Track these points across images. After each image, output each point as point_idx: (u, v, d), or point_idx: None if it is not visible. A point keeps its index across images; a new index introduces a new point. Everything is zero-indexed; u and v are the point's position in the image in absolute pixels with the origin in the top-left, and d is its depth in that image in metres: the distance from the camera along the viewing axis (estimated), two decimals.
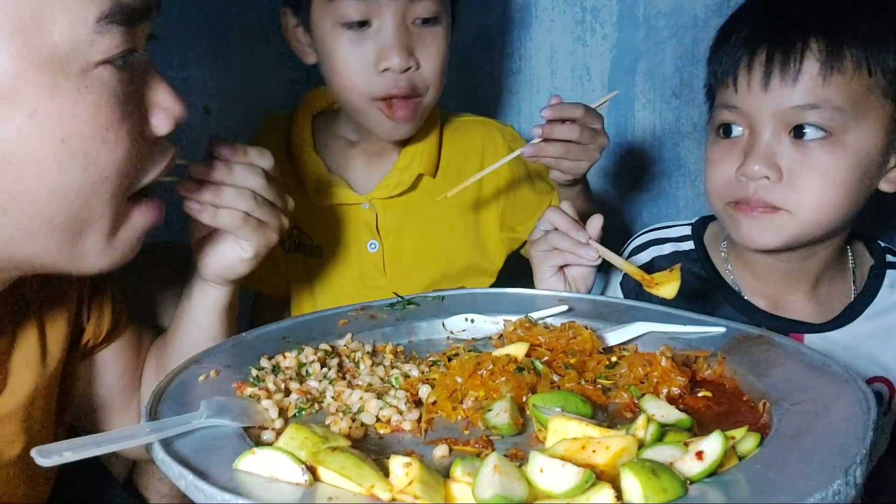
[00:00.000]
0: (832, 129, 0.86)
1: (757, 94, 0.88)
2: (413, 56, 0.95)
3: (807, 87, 0.85)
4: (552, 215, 0.91)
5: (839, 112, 0.85)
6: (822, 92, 0.85)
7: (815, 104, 0.85)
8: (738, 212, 0.91)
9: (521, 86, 1.50)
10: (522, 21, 1.47)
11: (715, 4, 1.45)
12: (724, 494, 0.47)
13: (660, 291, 0.83)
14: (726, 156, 0.92)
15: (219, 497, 0.49)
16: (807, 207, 0.88)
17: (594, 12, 1.47)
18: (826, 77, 0.85)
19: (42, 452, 0.52)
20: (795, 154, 0.87)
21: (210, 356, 0.74)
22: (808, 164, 0.86)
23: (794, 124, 0.87)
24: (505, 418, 0.61)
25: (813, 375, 0.65)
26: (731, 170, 0.91)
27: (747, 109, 0.89)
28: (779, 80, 0.86)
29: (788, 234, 0.90)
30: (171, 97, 0.67)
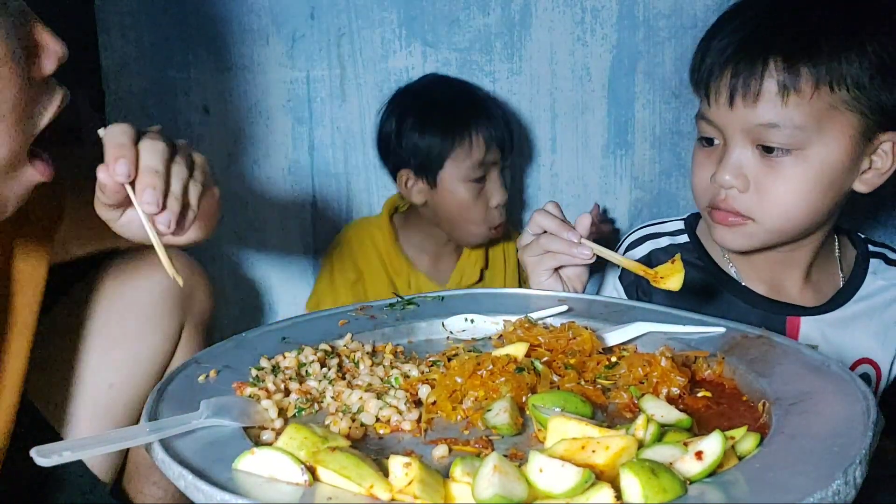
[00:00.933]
0: (795, 146, 0.90)
1: (725, 110, 0.92)
2: None
3: (767, 107, 0.89)
4: (541, 218, 0.92)
5: (800, 130, 0.88)
6: (783, 112, 0.88)
7: (775, 123, 0.89)
8: (712, 218, 0.98)
9: (521, 86, 1.50)
10: (522, 21, 1.47)
11: (715, 4, 1.45)
12: (724, 494, 0.47)
13: (666, 284, 0.84)
14: (705, 162, 0.98)
15: (218, 497, 0.49)
16: (771, 216, 0.93)
17: (594, 12, 1.47)
18: (784, 97, 0.88)
19: (41, 452, 0.52)
20: (762, 166, 0.92)
21: (210, 356, 0.74)
22: (774, 176, 0.91)
23: (760, 142, 0.91)
24: (505, 418, 0.61)
25: (812, 375, 0.65)
26: (707, 175, 0.96)
27: (719, 123, 0.95)
28: (741, 100, 0.90)
29: (758, 240, 0.96)
30: (52, 38, 0.68)
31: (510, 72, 1.49)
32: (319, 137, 1.51)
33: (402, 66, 1.49)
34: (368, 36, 1.48)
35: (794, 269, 1.03)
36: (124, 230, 0.79)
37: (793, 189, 0.91)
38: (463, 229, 1.36)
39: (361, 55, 1.48)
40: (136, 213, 0.74)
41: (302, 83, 1.48)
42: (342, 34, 1.48)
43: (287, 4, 1.45)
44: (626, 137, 1.52)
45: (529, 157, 1.53)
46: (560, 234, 0.90)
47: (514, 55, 1.49)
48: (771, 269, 1.03)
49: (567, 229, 0.90)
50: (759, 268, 1.03)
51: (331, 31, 1.47)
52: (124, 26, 1.44)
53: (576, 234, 0.90)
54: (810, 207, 0.93)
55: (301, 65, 1.48)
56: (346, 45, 1.48)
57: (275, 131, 1.50)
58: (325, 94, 1.49)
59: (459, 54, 1.48)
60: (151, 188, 0.71)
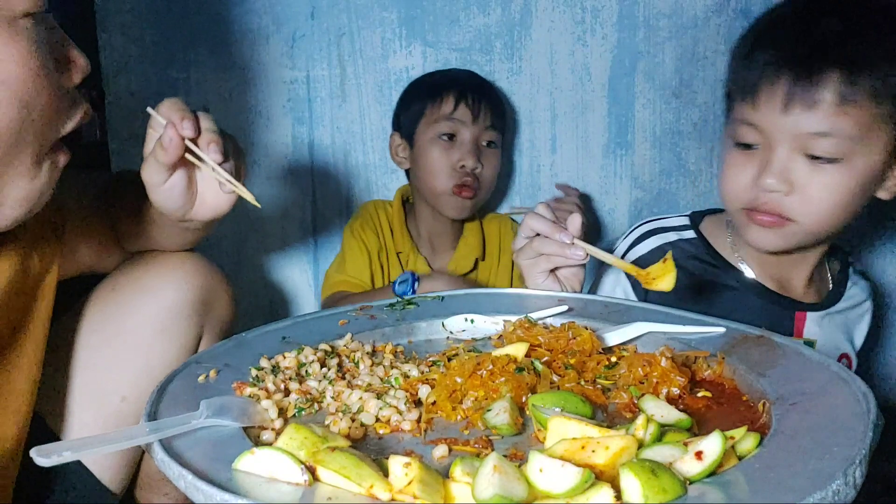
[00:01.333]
0: (842, 155, 0.92)
1: (777, 116, 0.93)
2: (480, 162, 1.39)
3: (823, 115, 0.91)
4: (533, 221, 0.93)
5: (848, 140, 0.91)
6: (837, 121, 0.91)
7: (828, 132, 0.91)
8: (749, 219, 0.99)
9: (521, 86, 1.50)
10: (522, 21, 1.47)
11: (715, 4, 1.45)
12: (724, 494, 0.47)
13: (658, 285, 0.84)
14: (743, 165, 0.98)
15: (218, 497, 0.49)
16: (813, 218, 0.96)
17: (594, 12, 1.47)
18: (841, 106, 0.90)
19: (41, 452, 0.52)
20: (808, 172, 0.94)
21: (210, 356, 0.74)
22: (819, 182, 0.93)
23: (809, 150, 0.93)
24: (504, 418, 0.61)
25: (812, 375, 0.65)
26: (746, 179, 0.98)
27: (766, 128, 0.95)
28: (799, 106, 0.92)
29: (795, 240, 0.99)
30: (78, 53, 0.75)
31: (510, 72, 1.49)
32: (319, 137, 1.51)
33: (402, 66, 1.49)
34: (368, 36, 1.48)
35: (803, 268, 1.07)
36: (164, 196, 0.86)
37: (837, 195, 0.94)
38: (431, 187, 1.41)
39: (361, 55, 1.48)
40: (179, 179, 0.85)
41: (302, 83, 1.48)
42: (342, 34, 1.48)
43: (287, 4, 1.45)
44: (626, 137, 1.52)
45: (529, 156, 1.53)
46: (553, 235, 0.91)
47: (514, 55, 1.49)
48: (781, 268, 1.07)
49: (559, 231, 0.91)
50: (770, 266, 1.07)
51: (331, 31, 1.47)
52: (124, 26, 1.44)
53: (568, 234, 0.90)
54: (848, 212, 0.96)
55: (301, 65, 1.48)
56: (346, 45, 1.48)
57: (275, 131, 1.50)
58: (325, 94, 1.49)
59: (459, 54, 1.48)
60: (215, 143, 0.83)
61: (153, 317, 0.95)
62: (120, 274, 1.00)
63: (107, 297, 0.98)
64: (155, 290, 0.96)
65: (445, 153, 1.38)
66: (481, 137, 1.39)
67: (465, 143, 1.38)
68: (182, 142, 0.82)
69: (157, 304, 0.96)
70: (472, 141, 1.38)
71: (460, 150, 1.38)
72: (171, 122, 0.81)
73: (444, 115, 1.38)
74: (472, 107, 1.38)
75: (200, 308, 0.99)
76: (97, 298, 0.98)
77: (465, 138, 1.38)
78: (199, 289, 0.98)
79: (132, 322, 0.95)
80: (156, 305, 0.96)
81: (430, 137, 1.39)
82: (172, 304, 0.96)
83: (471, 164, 1.37)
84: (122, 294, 0.97)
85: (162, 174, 0.84)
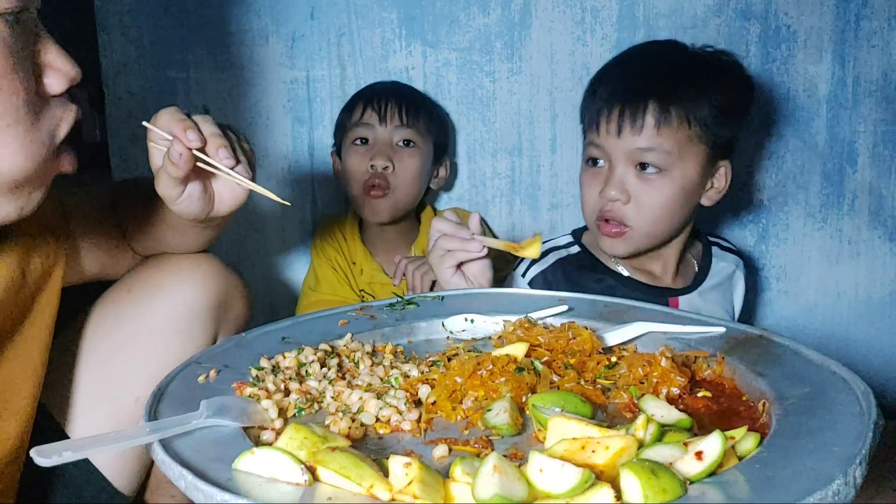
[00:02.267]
0: (664, 166, 1.17)
1: (613, 138, 1.18)
2: (391, 161, 1.40)
3: (647, 135, 1.16)
4: (438, 224, 1.05)
5: (668, 154, 1.16)
6: (657, 139, 1.16)
7: (652, 147, 1.16)
8: (601, 231, 1.22)
9: (521, 86, 1.50)
10: (522, 21, 1.47)
11: (715, 4, 1.46)
12: (724, 494, 0.47)
13: (526, 252, 0.96)
14: (592, 181, 1.22)
15: (218, 497, 0.49)
16: (645, 222, 1.19)
17: (594, 12, 1.47)
18: (659, 128, 1.16)
19: (41, 452, 0.52)
20: (639, 183, 1.18)
21: (210, 356, 0.74)
22: (648, 191, 1.18)
23: (638, 161, 1.18)
24: (504, 418, 0.61)
25: (812, 375, 0.65)
26: (595, 192, 1.21)
27: (607, 148, 1.20)
28: (629, 129, 1.17)
29: (634, 245, 1.22)
30: (63, 59, 0.72)
31: (510, 72, 1.49)
32: (319, 137, 1.51)
33: (402, 66, 1.49)
34: (368, 36, 1.48)
35: (667, 264, 1.29)
36: (184, 206, 0.86)
37: (662, 201, 1.18)
38: (349, 193, 1.45)
39: (361, 55, 1.48)
40: (195, 188, 0.85)
41: (302, 83, 1.48)
42: (342, 34, 1.48)
43: (287, 4, 1.45)
44: None
45: (529, 156, 1.53)
46: (455, 233, 1.02)
47: (514, 55, 1.49)
48: (650, 266, 1.29)
49: (461, 229, 1.02)
50: (640, 265, 1.28)
51: (331, 31, 1.47)
52: (124, 26, 1.44)
53: (468, 231, 1.02)
54: (673, 216, 1.20)
55: (301, 65, 1.48)
56: (346, 45, 1.48)
57: (275, 131, 1.50)
58: (325, 94, 1.49)
59: (459, 54, 1.48)
60: (224, 147, 0.82)
61: (169, 318, 0.95)
62: (135, 276, 0.99)
63: (122, 299, 0.97)
64: (171, 291, 0.96)
65: (359, 157, 1.41)
66: (394, 137, 1.41)
67: (375, 145, 1.41)
68: (191, 154, 0.81)
69: (173, 305, 0.95)
70: (384, 142, 1.40)
71: (371, 152, 1.40)
72: (175, 137, 0.80)
73: (354, 122, 1.42)
74: (379, 108, 1.40)
75: (217, 310, 0.98)
76: (112, 300, 0.98)
77: (376, 140, 1.41)
78: (215, 291, 0.98)
79: (148, 324, 0.94)
80: (172, 307, 0.95)
81: (347, 146, 1.43)
82: (189, 306, 0.96)
83: (379, 163, 1.39)
84: (138, 295, 0.97)
85: (177, 188, 0.84)
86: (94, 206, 1.00)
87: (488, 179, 1.54)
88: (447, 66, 1.49)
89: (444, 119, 1.51)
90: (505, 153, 1.53)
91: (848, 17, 1.45)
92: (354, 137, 1.42)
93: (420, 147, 1.42)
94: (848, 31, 1.46)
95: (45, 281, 0.86)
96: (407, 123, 1.41)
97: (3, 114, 0.66)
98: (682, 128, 1.16)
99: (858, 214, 1.52)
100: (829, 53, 1.47)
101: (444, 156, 1.49)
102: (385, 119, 1.40)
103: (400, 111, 1.41)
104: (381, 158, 1.39)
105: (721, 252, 1.37)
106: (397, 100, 1.42)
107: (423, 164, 1.43)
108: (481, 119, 1.52)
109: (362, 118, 1.41)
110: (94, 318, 0.97)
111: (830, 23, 1.46)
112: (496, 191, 1.54)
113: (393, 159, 1.39)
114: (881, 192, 1.50)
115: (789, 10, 1.45)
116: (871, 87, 1.47)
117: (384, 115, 1.40)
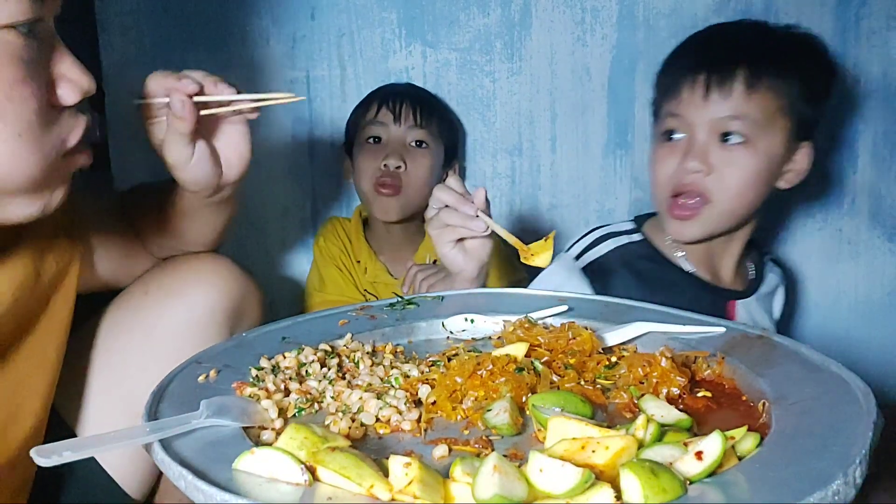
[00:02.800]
0: (749, 136, 1.11)
1: (697, 104, 1.13)
2: (404, 161, 1.40)
3: (735, 102, 1.11)
4: (441, 193, 0.99)
5: (755, 123, 1.11)
6: (745, 107, 1.11)
7: (738, 115, 1.11)
8: (671, 215, 1.15)
9: (521, 86, 1.50)
10: (522, 21, 1.47)
11: (715, 4, 1.45)
12: (724, 494, 0.47)
13: (535, 261, 0.89)
14: (669, 154, 1.16)
15: (218, 497, 0.49)
16: (727, 196, 1.12)
17: (594, 12, 1.47)
18: (748, 95, 1.11)
19: (41, 452, 0.52)
20: (722, 154, 1.12)
21: (210, 356, 0.74)
22: (732, 162, 1.12)
23: (722, 131, 1.12)
24: (505, 418, 0.61)
25: (812, 375, 0.65)
26: (672, 165, 1.15)
27: (689, 117, 1.14)
28: (716, 95, 1.12)
29: (710, 226, 1.15)
30: (78, 70, 0.72)
31: (510, 72, 1.49)
32: (319, 137, 1.51)
33: (402, 66, 1.49)
34: (368, 36, 1.48)
35: (729, 259, 1.23)
36: (193, 172, 0.87)
37: (745, 174, 1.12)
38: (360, 191, 1.45)
39: (361, 55, 1.48)
40: (202, 149, 0.86)
41: (302, 83, 1.48)
42: (342, 34, 1.48)
43: (287, 5, 1.45)
44: (626, 137, 1.52)
45: (529, 157, 1.53)
46: (459, 207, 0.96)
47: (514, 55, 1.49)
48: (711, 261, 1.22)
49: (465, 203, 0.96)
50: (701, 260, 1.22)
51: (331, 31, 1.47)
52: (124, 26, 1.44)
53: (473, 207, 0.96)
54: (754, 192, 1.14)
55: (301, 65, 1.48)
56: (346, 45, 1.48)
57: (275, 131, 1.50)
58: (325, 94, 1.49)
59: (459, 54, 1.49)
60: (220, 81, 0.86)
61: (184, 322, 0.94)
62: (151, 278, 0.99)
63: (138, 301, 0.97)
64: (187, 295, 0.95)
65: (371, 155, 1.41)
66: (407, 137, 1.42)
67: (388, 144, 1.41)
68: (193, 103, 0.82)
69: (188, 309, 0.95)
70: (397, 141, 1.41)
71: (384, 151, 1.40)
72: (172, 90, 0.82)
73: (368, 121, 1.43)
74: (393, 108, 1.41)
75: (232, 314, 0.98)
76: (127, 301, 0.97)
77: (389, 139, 1.41)
78: (230, 295, 0.97)
79: (163, 327, 0.94)
80: (187, 311, 0.95)
81: (360, 144, 1.44)
82: (204, 309, 0.95)
83: (392, 162, 1.39)
84: (154, 298, 0.96)
85: (186, 148, 0.85)
86: (104, 207, 1.00)
87: (488, 179, 1.54)
88: (447, 66, 1.49)
89: (455, 123, 1.51)
90: (505, 153, 1.53)
91: (848, 17, 1.45)
92: (368, 136, 1.43)
93: (432, 148, 1.43)
94: (848, 31, 1.46)
95: (61, 280, 0.86)
96: (420, 124, 1.42)
97: (14, 122, 0.67)
98: (770, 97, 1.11)
99: (858, 214, 1.51)
100: None
101: (454, 159, 1.50)
102: (399, 119, 1.41)
103: (414, 112, 1.42)
104: (394, 158, 1.39)
105: (769, 264, 1.34)
106: (412, 101, 1.43)
107: (434, 166, 1.44)
108: (481, 119, 1.52)
109: (377, 117, 1.42)
110: (108, 320, 0.97)
111: (830, 23, 1.45)
112: (496, 191, 1.54)
113: (405, 159, 1.40)
114: (881, 192, 1.50)
115: (789, 10, 1.45)
116: (871, 87, 1.47)
117: (399, 114, 1.41)
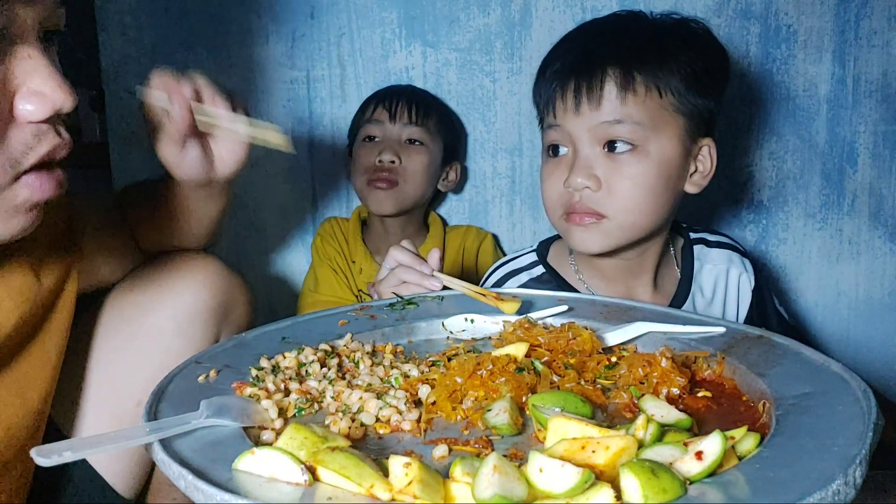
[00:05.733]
0: (636, 142, 1.01)
1: (572, 115, 1.03)
2: (399, 157, 1.42)
3: (610, 107, 1.01)
4: (397, 253, 1.00)
5: (639, 126, 1.01)
6: (623, 110, 1.01)
7: (618, 119, 1.01)
8: (569, 223, 1.05)
9: (521, 86, 1.50)
10: (522, 21, 1.47)
11: (715, 4, 1.45)
12: (724, 494, 0.47)
13: (503, 307, 0.85)
14: (555, 171, 1.06)
15: (218, 497, 0.49)
16: (622, 210, 1.02)
17: (594, 12, 1.46)
18: (623, 98, 1.01)
19: (41, 452, 0.52)
20: (609, 164, 1.02)
21: (210, 356, 0.74)
22: (620, 172, 1.01)
23: (606, 140, 1.02)
24: (504, 418, 0.61)
25: (812, 375, 0.65)
26: (559, 183, 1.05)
27: (567, 128, 1.04)
28: (586, 103, 1.02)
29: (612, 238, 1.04)
30: (51, 84, 0.66)
31: (510, 72, 1.49)
32: (319, 137, 1.51)
33: (402, 66, 1.49)
34: (368, 36, 1.48)
35: (643, 275, 1.13)
36: (187, 169, 0.89)
37: (638, 184, 1.01)
38: (356, 187, 1.47)
39: (361, 55, 1.48)
40: (195, 149, 0.88)
41: (302, 83, 1.48)
42: (342, 34, 1.48)
43: (287, 4, 1.45)
44: None
45: (529, 157, 1.53)
46: (414, 266, 0.97)
47: (514, 55, 1.49)
48: (623, 280, 1.13)
49: (421, 263, 0.98)
50: (611, 280, 1.13)
51: (331, 31, 1.47)
52: (124, 26, 1.44)
53: (428, 267, 0.97)
54: (654, 202, 1.03)
55: (301, 65, 1.48)
56: (346, 45, 1.48)
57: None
58: (325, 94, 1.49)
59: (459, 54, 1.48)
60: (217, 95, 0.87)
61: (171, 320, 0.94)
62: (138, 277, 0.99)
63: (124, 300, 0.97)
64: (173, 293, 0.95)
65: (368, 152, 1.43)
66: (402, 135, 1.43)
67: (383, 141, 1.43)
68: (188, 110, 0.84)
69: (174, 307, 0.95)
70: (392, 138, 1.43)
71: (379, 147, 1.43)
72: (172, 92, 0.84)
73: (366, 120, 1.45)
74: (389, 106, 1.43)
75: (218, 312, 0.98)
76: (115, 301, 0.97)
77: (384, 136, 1.44)
78: (217, 292, 0.97)
79: (150, 325, 0.94)
80: (174, 308, 0.95)
81: (358, 143, 1.46)
82: (191, 307, 0.95)
83: (386, 157, 1.41)
84: (141, 296, 0.96)
85: (180, 145, 0.87)
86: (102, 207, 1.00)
87: (488, 179, 1.54)
88: (447, 66, 1.49)
89: (455, 123, 1.52)
90: (505, 153, 1.53)
91: (848, 17, 1.45)
92: (365, 135, 1.45)
93: (428, 146, 1.44)
94: (848, 31, 1.46)
95: (62, 285, 0.86)
96: (416, 122, 1.43)
97: None
98: (651, 96, 1.01)
99: (858, 214, 1.52)
100: (829, 53, 1.47)
101: (454, 159, 1.50)
102: (395, 117, 1.43)
103: (410, 110, 1.44)
104: (388, 153, 1.41)
105: (707, 250, 1.19)
106: (408, 99, 1.44)
107: (430, 162, 1.44)
108: (481, 119, 1.52)
109: (373, 116, 1.44)
110: (97, 320, 0.97)
111: (830, 23, 1.45)
112: (496, 191, 1.54)
113: (400, 155, 1.42)
114: (881, 192, 1.50)
115: (789, 10, 1.45)
116: (871, 87, 1.47)
117: (394, 112, 1.43)
